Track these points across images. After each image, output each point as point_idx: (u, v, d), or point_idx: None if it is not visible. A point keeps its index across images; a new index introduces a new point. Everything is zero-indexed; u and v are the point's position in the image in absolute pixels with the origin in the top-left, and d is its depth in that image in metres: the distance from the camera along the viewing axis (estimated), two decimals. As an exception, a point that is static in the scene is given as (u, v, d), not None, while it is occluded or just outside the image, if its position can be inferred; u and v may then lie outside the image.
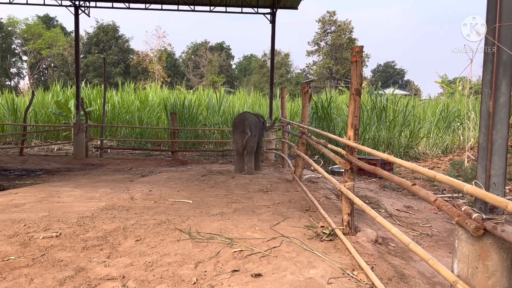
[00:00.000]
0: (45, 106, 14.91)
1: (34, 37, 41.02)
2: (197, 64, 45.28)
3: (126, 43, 43.42)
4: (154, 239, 3.74)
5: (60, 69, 41.12)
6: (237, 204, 5.01)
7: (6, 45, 42.24)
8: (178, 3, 10.75)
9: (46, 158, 10.58)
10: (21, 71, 46.20)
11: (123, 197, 5.14)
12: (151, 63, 40.25)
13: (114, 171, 8.73)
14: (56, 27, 44.42)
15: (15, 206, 4.70)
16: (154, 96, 16.12)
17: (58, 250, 3.51)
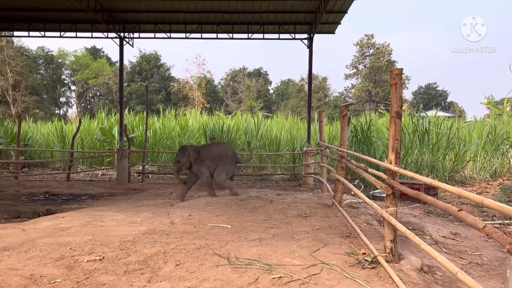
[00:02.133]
0: (91, 133, 15.57)
1: (82, 67, 43.30)
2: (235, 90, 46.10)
3: (167, 71, 44.98)
4: (193, 264, 3.75)
5: (105, 97, 43.00)
6: (276, 229, 4.96)
7: (56, 76, 44.82)
8: (217, 31, 11.08)
9: (91, 183, 10.97)
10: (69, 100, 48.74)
11: (164, 222, 5.21)
12: (191, 90, 41.38)
13: (155, 196, 8.92)
14: (102, 57, 46.74)
15: (61, 229, 4.87)
16: (194, 122, 16.49)
17: (101, 273, 3.58)
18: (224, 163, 7.89)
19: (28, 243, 4.37)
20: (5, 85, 31.59)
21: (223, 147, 8.45)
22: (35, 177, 12.39)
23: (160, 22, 10.83)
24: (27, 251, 4.10)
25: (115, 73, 42.55)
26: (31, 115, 29.58)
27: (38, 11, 10.14)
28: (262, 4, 9.69)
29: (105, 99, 42.66)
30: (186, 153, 7.86)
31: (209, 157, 7.89)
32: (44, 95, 41.09)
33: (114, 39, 11.02)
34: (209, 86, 45.07)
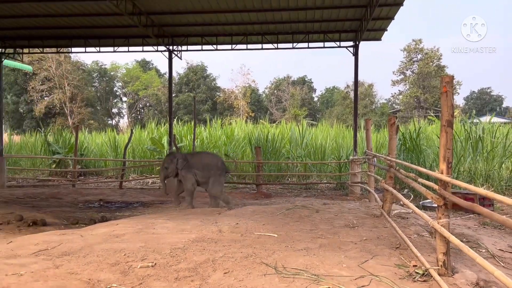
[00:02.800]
0: (141, 143, 16.17)
1: (132, 79, 45.11)
2: (280, 98, 46.29)
3: (213, 82, 45.95)
4: (241, 272, 3.81)
5: (154, 107, 44.50)
6: (323, 239, 4.93)
7: (109, 88, 47.00)
8: (262, 42, 11.23)
9: (142, 191, 11.40)
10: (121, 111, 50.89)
11: (212, 230, 5.33)
12: (236, 99, 42.01)
13: (202, 204, 9.11)
14: (152, 69, 48.49)
15: (116, 236, 5.11)
16: (239, 131, 16.72)
17: (154, 279, 3.72)
18: (216, 174, 7.86)
19: (86, 248, 4.62)
20: (63, 98, 33.52)
21: (213, 157, 8.55)
22: (90, 185, 13.04)
23: (207, 34, 11.14)
24: (85, 256, 4.33)
25: (164, 85, 44.01)
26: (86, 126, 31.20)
27: (93, 28, 10.75)
28: (307, 13, 9.74)
29: (154, 110, 44.15)
30: (175, 160, 7.91)
31: (198, 166, 7.89)
32: (98, 107, 43.14)
33: (163, 52, 11.46)
34: (253, 95, 45.55)
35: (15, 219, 6.36)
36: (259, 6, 9.22)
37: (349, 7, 9.40)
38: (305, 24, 10.52)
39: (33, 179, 14.03)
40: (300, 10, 9.53)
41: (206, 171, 7.82)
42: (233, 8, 9.32)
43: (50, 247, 4.70)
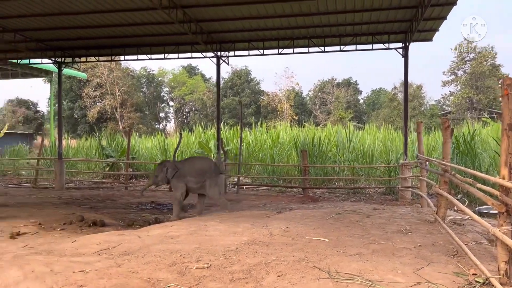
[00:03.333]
0: (189, 146, 16.59)
1: (179, 85, 46.27)
2: (324, 101, 45.83)
3: (257, 85, 46.26)
4: (294, 276, 3.85)
5: (200, 112, 45.42)
6: (375, 245, 4.87)
7: (156, 93, 48.47)
8: (309, 45, 11.24)
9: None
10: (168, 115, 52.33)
11: (263, 233, 5.41)
12: (280, 102, 42.05)
13: (250, 207, 9.23)
14: (197, 75, 49.56)
15: (171, 237, 5.30)
16: (284, 134, 16.76)
17: (210, 280, 3.84)
18: (210, 176, 7.77)
19: (144, 249, 4.83)
20: (114, 103, 34.99)
21: (205, 161, 8.52)
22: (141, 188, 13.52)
23: (254, 39, 11.29)
24: (144, 256, 4.53)
25: (209, 89, 44.87)
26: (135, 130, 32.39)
27: (145, 37, 11.19)
28: (355, 16, 9.64)
29: (200, 114, 45.06)
30: (164, 169, 7.91)
31: (191, 172, 7.82)
32: (146, 111, 44.60)
33: (211, 58, 11.74)
34: (297, 98, 45.41)
35: (77, 219, 6.74)
36: (306, 10, 9.24)
37: (399, 8, 9.21)
38: (353, 27, 10.42)
39: (89, 181, 14.73)
40: (348, 13, 9.45)
41: (200, 176, 7.75)
42: (281, 13, 9.40)
43: (111, 247, 4.96)
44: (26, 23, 10.05)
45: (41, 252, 4.84)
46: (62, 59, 12.47)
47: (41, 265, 4.24)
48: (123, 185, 13.73)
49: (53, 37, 11.21)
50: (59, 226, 6.39)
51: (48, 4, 8.83)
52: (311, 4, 8.95)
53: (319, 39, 11.01)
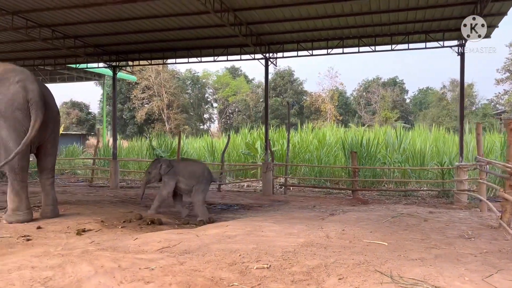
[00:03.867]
0: (236, 147, 16.79)
1: (222, 86, 46.91)
2: (369, 100, 44.92)
3: (300, 86, 46.04)
4: (356, 279, 3.82)
5: (243, 113, 45.80)
6: (437, 250, 4.74)
7: (201, 95, 49.42)
8: (359, 45, 11.07)
9: (239, 194, 11.83)
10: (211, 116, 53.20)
11: (319, 235, 5.40)
12: (323, 102, 41.66)
13: (300, 208, 9.23)
14: (241, 76, 50.03)
15: (229, 237, 5.40)
16: (330, 135, 16.59)
17: (271, 281, 3.88)
18: (201, 182, 7.78)
19: (203, 248, 4.95)
20: (161, 105, 35.99)
21: (199, 165, 8.43)
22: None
23: (303, 40, 11.27)
24: (204, 255, 4.64)
25: (252, 90, 45.17)
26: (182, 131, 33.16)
27: (195, 40, 11.45)
28: (408, 14, 9.40)
29: (243, 115, 45.45)
30: (158, 166, 7.91)
31: (184, 173, 7.81)
32: (191, 112, 45.52)
33: (260, 60, 11.83)
34: (341, 98, 44.80)
35: (136, 217, 7.00)
36: (357, 10, 9.12)
37: (456, 4, 8.89)
38: (405, 25, 10.16)
39: (140, 180, 15.25)
40: (400, 11, 9.23)
41: (191, 179, 7.78)
42: (331, 13, 9.33)
43: (171, 245, 5.12)
44: (85, 29, 10.57)
45: (107, 248, 5.06)
46: (117, 63, 13.01)
47: (109, 261, 4.45)
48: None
49: (109, 42, 11.72)
50: (120, 224, 6.65)
51: (107, 11, 9.24)
52: (363, 4, 8.82)
53: (369, 38, 10.81)
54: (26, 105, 6.21)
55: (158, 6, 8.95)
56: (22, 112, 6.17)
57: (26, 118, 6.21)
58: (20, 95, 6.18)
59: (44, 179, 6.83)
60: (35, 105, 6.21)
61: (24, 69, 6.92)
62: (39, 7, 9.03)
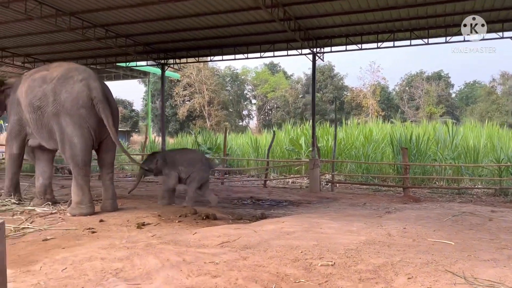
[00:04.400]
0: (279, 143, 16.73)
1: (261, 82, 46.97)
2: (412, 95, 43.61)
3: (341, 81, 45.32)
4: (426, 279, 3.70)
5: (282, 109, 45.66)
6: (510, 250, 4.52)
7: (240, 91, 49.70)
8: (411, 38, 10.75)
9: (286, 191, 11.79)
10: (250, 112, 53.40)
11: (380, 233, 5.28)
12: (365, 98, 40.86)
13: (350, 206, 9.07)
14: (279, 72, 49.89)
15: (287, 233, 5.38)
16: (377, 131, 16.22)
17: (338, 278, 3.82)
18: (199, 169, 7.92)
19: (264, 243, 4.95)
20: (202, 102, 36.51)
21: (196, 153, 8.61)
22: (236, 183, 13.96)
23: (352, 34, 11.07)
24: (265, 250, 4.64)
25: (291, 86, 44.96)
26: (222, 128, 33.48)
27: (242, 36, 11.50)
28: (465, 4, 9.03)
29: (282, 111, 45.31)
30: (155, 161, 7.91)
31: (183, 162, 7.89)
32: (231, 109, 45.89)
33: (307, 55, 11.73)
34: (383, 93, 43.75)
35: (190, 212, 7.11)
36: (412, 2, 8.85)
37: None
38: (461, 16, 9.74)
39: (186, 176, 15.53)
40: (457, 2, 8.88)
41: (190, 167, 7.92)
42: (383, 5, 9.11)
43: (231, 240, 5.16)
44: (136, 28, 10.85)
45: (169, 242, 5.17)
46: (165, 61, 13.28)
47: (174, 255, 4.55)
48: (218, 180, 14.26)
49: (158, 40, 11.98)
50: (176, 218, 6.78)
51: (158, 10, 9.44)
52: (418, -5, 8.57)
53: (422, 31, 10.47)
54: (90, 102, 6.45)
55: (209, 3, 9.05)
56: (86, 109, 6.42)
57: (90, 115, 6.46)
58: (84, 93, 6.43)
59: (105, 174, 7.07)
60: (99, 102, 6.46)
61: (87, 68, 7.20)
62: (94, 7, 9.35)
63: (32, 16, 9.16)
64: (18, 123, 7.15)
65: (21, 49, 12.94)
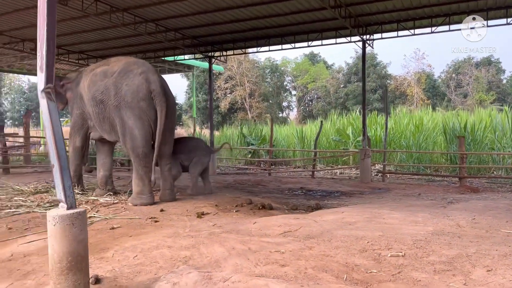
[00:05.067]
0: (325, 134, 16.53)
1: (301, 73, 46.52)
2: (460, 82, 41.80)
3: (384, 69, 44.09)
4: (507, 271, 3.52)
5: (323, 99, 45.08)
6: None
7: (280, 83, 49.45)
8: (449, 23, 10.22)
9: (335, 181, 11.64)
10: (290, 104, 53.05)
11: (448, 223, 5.09)
12: (409, 86, 39.61)
13: (405, 196, 8.84)
14: (319, 62, 49.18)
15: (349, 223, 5.30)
16: (428, 119, 15.67)
17: (411, 270, 3.71)
18: (200, 155, 8.05)
19: (326, 233, 4.90)
20: (244, 94, 36.66)
21: (196, 140, 8.79)
22: (283, 174, 13.93)
23: (403, 19, 10.66)
24: (330, 240, 4.59)
25: (332, 76, 44.26)
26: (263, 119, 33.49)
27: (289, 26, 11.37)
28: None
29: (323, 101, 44.73)
30: None
31: (184, 149, 7.88)
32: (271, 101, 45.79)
33: (356, 42, 11.45)
34: (428, 80, 42.20)
35: (246, 202, 7.17)
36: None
37: None
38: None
39: (232, 167, 15.68)
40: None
41: (191, 153, 8.01)
42: (440, -13, 8.71)
43: (292, 230, 5.14)
44: (185, 22, 10.96)
45: (230, 231, 5.22)
46: (212, 53, 13.38)
47: (238, 243, 4.58)
48: (264, 171, 14.29)
49: (206, 33, 12.05)
50: (233, 208, 6.85)
51: (206, 2, 9.49)
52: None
53: (481, 12, 9.91)
54: (149, 95, 6.60)
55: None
56: (146, 102, 6.58)
57: (149, 108, 6.62)
58: (144, 86, 6.58)
59: (163, 165, 7.24)
60: (158, 95, 6.60)
61: (145, 61, 7.36)
62: (146, 2, 9.52)
63: (88, 13, 9.45)
64: (81, 117, 7.44)
65: (76, 46, 13.42)
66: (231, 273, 3.68)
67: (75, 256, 3.19)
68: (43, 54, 3.17)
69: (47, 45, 3.16)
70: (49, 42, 3.15)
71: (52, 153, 3.23)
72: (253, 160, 15.62)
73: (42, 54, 3.18)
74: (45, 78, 3.21)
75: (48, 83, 3.23)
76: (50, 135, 3.23)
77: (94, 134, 7.50)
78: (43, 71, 3.21)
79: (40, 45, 3.15)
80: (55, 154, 3.22)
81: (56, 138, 3.23)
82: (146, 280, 3.76)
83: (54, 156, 3.23)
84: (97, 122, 7.10)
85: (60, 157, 3.24)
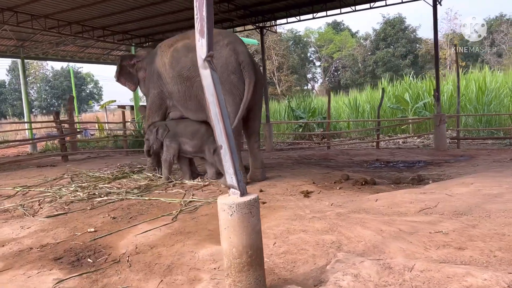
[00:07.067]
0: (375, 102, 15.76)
1: (326, 43, 45.19)
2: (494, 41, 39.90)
3: (413, 33, 42.37)
4: None
5: (351, 68, 43.70)
6: None
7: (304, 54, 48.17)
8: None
9: (407, 151, 10.97)
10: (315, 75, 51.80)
11: None
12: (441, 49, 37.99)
13: (497, 162, 8.19)
14: (344, 30, 47.60)
15: (494, 196, 4.72)
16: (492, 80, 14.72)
17: None
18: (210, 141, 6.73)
19: (476, 209, 4.31)
20: (272, 68, 35.78)
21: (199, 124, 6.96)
22: (342, 147, 13.32)
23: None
24: (489, 217, 4.02)
25: (359, 43, 42.84)
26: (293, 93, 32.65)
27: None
28: None
29: (352, 70, 43.41)
30: (154, 130, 7.00)
31: (186, 134, 6.89)
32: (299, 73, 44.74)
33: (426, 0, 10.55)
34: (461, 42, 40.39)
35: (343, 178, 6.64)
36: None
37: None
38: None
39: (282, 142, 15.11)
40: None
41: (196, 139, 6.87)
42: None
43: (430, 206, 4.58)
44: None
45: (358, 210, 4.72)
46: (263, 24, 12.64)
47: (382, 224, 4.07)
48: (318, 145, 13.71)
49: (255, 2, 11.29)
50: (333, 185, 6.34)
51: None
52: None
53: None
54: (239, 67, 6.02)
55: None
56: (236, 75, 6.00)
57: (240, 81, 6.04)
58: (233, 58, 6.00)
59: (252, 142, 6.72)
60: (247, 67, 6.01)
61: (230, 31, 6.74)
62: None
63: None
64: (159, 96, 6.93)
65: (119, 26, 12.85)
66: (405, 260, 3.16)
67: (254, 249, 2.77)
68: (203, 16, 2.63)
69: (207, 3, 2.62)
70: (208, 2, 2.61)
71: (220, 132, 2.73)
72: (303, 134, 15.01)
73: (202, 16, 2.64)
74: (206, 44, 2.69)
75: (209, 50, 2.71)
76: (216, 111, 2.72)
77: (174, 113, 7.01)
78: (204, 36, 2.69)
79: (199, 5, 2.59)
80: (223, 133, 2.72)
81: (223, 114, 2.71)
82: (310, 271, 3.28)
83: (222, 135, 2.73)
84: (181, 101, 6.59)
85: (229, 136, 2.74)
